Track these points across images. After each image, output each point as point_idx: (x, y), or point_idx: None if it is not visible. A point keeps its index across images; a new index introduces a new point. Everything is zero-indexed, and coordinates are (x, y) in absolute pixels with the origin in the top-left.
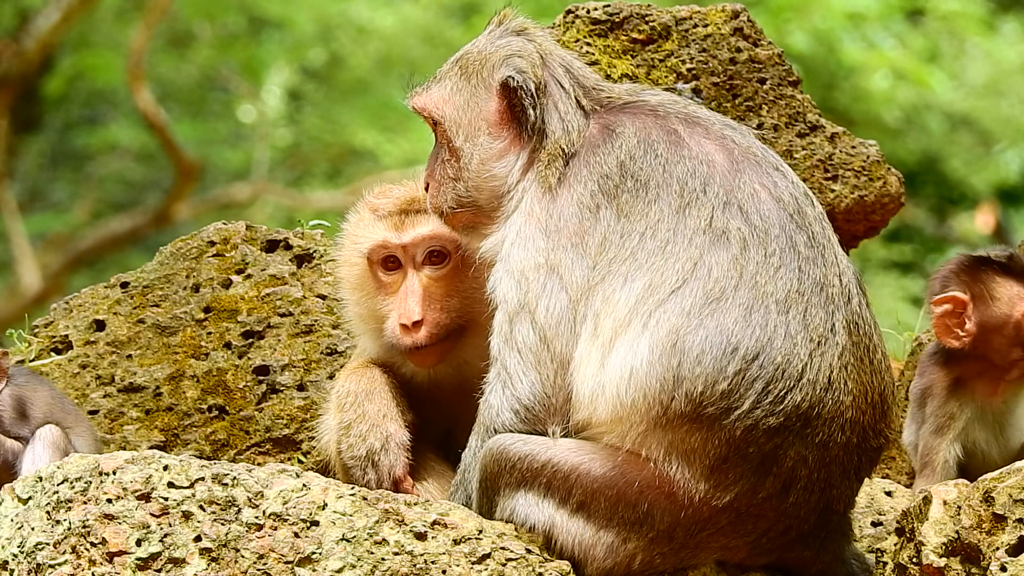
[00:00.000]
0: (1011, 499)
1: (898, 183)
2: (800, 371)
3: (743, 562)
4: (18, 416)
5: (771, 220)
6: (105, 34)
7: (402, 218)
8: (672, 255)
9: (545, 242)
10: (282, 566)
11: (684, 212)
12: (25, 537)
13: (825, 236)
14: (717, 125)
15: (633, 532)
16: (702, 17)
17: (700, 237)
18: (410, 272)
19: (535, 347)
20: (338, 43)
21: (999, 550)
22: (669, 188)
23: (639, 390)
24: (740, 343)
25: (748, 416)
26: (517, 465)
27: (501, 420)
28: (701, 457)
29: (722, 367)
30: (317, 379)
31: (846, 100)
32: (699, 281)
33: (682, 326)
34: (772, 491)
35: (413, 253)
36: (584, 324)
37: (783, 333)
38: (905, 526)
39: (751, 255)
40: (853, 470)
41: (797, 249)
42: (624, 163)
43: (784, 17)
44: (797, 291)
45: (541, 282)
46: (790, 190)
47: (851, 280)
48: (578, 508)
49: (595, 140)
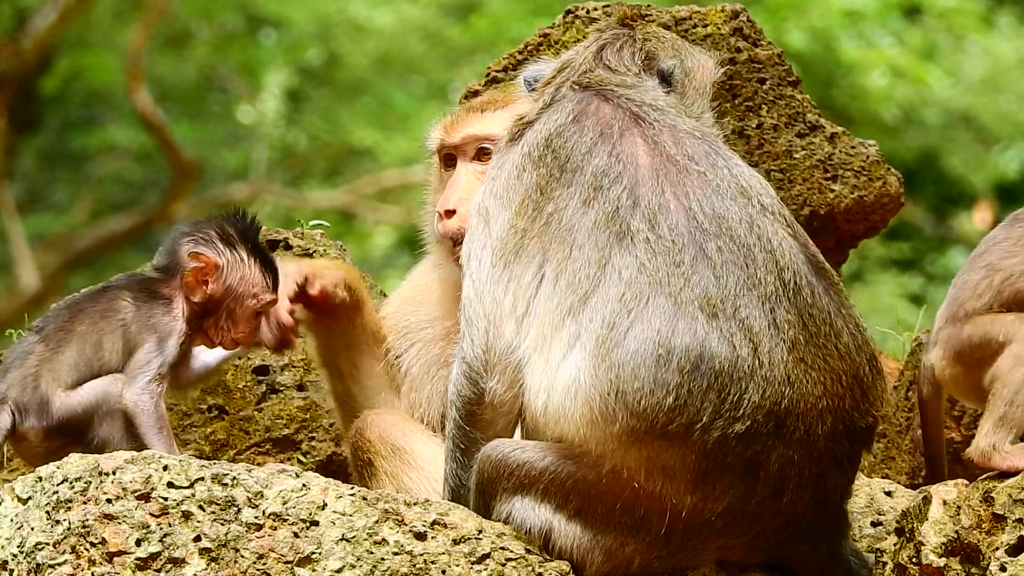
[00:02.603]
0: (1011, 499)
1: (898, 183)
2: (749, 372)
3: (741, 560)
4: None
5: (679, 230)
6: (102, 34)
7: (458, 116)
8: (576, 246)
9: (484, 186)
10: (282, 566)
11: (588, 204)
12: (25, 537)
13: (754, 236)
14: (658, 128)
15: (630, 536)
16: (702, 17)
17: (601, 233)
18: (460, 166)
19: (473, 302)
20: (336, 42)
21: (999, 550)
22: (583, 175)
23: (586, 405)
24: (672, 353)
25: (713, 427)
26: (515, 472)
27: (457, 388)
28: (681, 472)
29: (662, 380)
30: (317, 379)
31: (844, 98)
32: (612, 287)
33: (608, 337)
34: (764, 495)
35: (465, 150)
36: (505, 293)
37: (716, 338)
38: (905, 526)
39: (659, 262)
40: (846, 457)
41: (709, 256)
42: (551, 138)
43: (782, 15)
44: (719, 296)
45: (479, 232)
46: (709, 199)
47: (799, 272)
48: (575, 513)
49: (547, 112)
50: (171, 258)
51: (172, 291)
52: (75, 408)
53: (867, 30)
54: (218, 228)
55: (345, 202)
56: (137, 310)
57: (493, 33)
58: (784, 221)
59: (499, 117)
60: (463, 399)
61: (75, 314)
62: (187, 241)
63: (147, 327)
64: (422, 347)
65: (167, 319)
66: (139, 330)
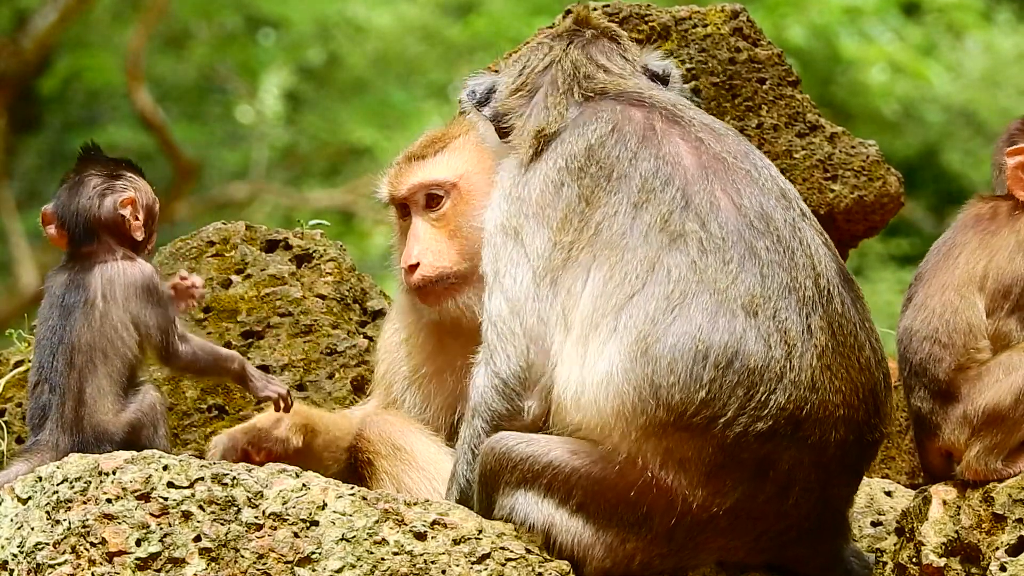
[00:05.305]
0: (1011, 499)
1: (898, 183)
2: (779, 374)
3: (742, 561)
4: None
5: (728, 227)
6: (102, 34)
7: (401, 167)
8: (629, 249)
9: (509, 206)
10: (282, 566)
11: (640, 208)
12: (25, 537)
13: (796, 239)
14: (696, 126)
15: (632, 533)
16: (701, 17)
17: (656, 235)
18: (414, 217)
19: (507, 319)
20: (336, 42)
21: (999, 550)
22: (630, 181)
23: (618, 397)
24: (710, 349)
25: (735, 423)
26: (519, 465)
27: (486, 400)
28: (696, 464)
29: (697, 375)
30: (317, 379)
31: (844, 94)
32: (659, 285)
33: (649, 332)
34: (771, 494)
35: (414, 200)
36: (551, 308)
37: (754, 337)
38: (905, 526)
39: (709, 260)
40: (852, 467)
41: (758, 255)
42: (592, 147)
43: (781, 12)
44: (762, 295)
45: (508, 249)
46: (757, 197)
47: (832, 281)
48: (578, 509)
49: (576, 122)
50: (89, 223)
51: (110, 249)
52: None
53: (866, 26)
54: (101, 170)
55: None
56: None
57: (492, 33)
58: (817, 229)
59: (441, 160)
60: (493, 413)
61: (69, 355)
62: (96, 196)
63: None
64: (420, 387)
65: (135, 272)
66: (130, 313)
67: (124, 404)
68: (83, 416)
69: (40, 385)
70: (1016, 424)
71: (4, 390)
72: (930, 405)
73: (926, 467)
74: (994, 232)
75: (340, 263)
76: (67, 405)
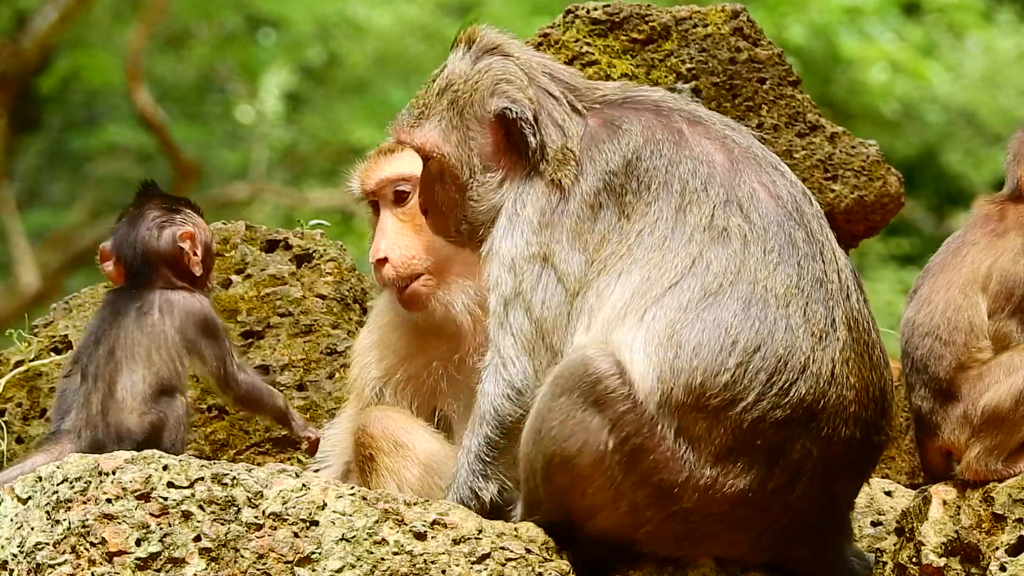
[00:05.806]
0: (1011, 499)
1: (898, 183)
2: (803, 364)
3: (743, 559)
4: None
5: (770, 218)
6: (102, 34)
7: (372, 162)
8: (670, 251)
9: (539, 235)
10: (282, 566)
11: (684, 211)
12: (25, 537)
13: (823, 233)
14: (717, 125)
15: (656, 500)
16: (702, 17)
17: (700, 234)
18: (383, 211)
19: (530, 335)
20: (335, 42)
21: (999, 550)
22: (670, 188)
23: (643, 379)
24: (739, 336)
25: (754, 408)
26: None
27: (495, 408)
28: (707, 444)
29: (722, 360)
30: (317, 379)
31: (844, 94)
32: (697, 277)
33: (678, 320)
34: (779, 483)
35: (383, 195)
36: (579, 319)
37: (784, 326)
38: (905, 526)
39: (751, 251)
40: (856, 466)
41: (796, 245)
42: (631, 162)
43: (781, 11)
44: (797, 286)
45: (536, 273)
46: (788, 188)
47: (849, 277)
48: (624, 442)
49: (598, 136)
50: (148, 254)
51: (169, 282)
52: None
53: (867, 26)
54: (159, 204)
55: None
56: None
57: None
58: (832, 230)
59: (409, 155)
60: (504, 419)
61: (112, 345)
62: (155, 228)
63: (189, 327)
64: (396, 387)
65: (194, 303)
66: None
67: (151, 408)
68: (109, 409)
69: (74, 372)
70: (1016, 425)
71: (4, 390)
72: (930, 404)
73: (926, 467)
74: (1001, 234)
75: (340, 263)
76: (96, 396)
